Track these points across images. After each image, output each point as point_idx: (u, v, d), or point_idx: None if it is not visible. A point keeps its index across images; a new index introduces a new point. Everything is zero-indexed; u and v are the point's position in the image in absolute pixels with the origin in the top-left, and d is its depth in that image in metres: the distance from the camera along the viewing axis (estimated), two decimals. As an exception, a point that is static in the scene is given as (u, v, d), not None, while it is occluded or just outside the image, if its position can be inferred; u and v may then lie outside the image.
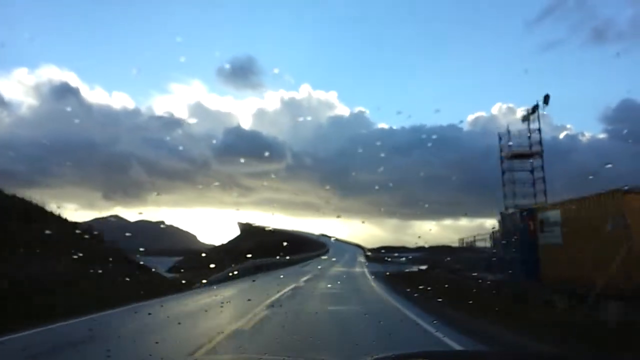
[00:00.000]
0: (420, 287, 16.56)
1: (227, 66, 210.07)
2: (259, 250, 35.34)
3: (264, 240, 46.96)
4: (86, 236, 18.62)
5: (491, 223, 19.67)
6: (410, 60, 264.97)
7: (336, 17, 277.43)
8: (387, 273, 28.60)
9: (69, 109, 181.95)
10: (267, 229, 67.06)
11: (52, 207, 19.63)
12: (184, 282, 19.94)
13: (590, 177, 11.16)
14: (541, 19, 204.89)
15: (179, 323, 9.38)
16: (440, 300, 13.28)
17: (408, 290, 17.08)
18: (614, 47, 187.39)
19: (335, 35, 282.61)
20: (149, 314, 10.78)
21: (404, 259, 47.91)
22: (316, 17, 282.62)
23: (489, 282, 16.59)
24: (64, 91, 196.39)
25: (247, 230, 65.08)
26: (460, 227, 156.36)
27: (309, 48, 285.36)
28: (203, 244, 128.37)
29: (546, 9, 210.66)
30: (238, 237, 65.51)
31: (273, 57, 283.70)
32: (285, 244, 39.54)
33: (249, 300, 13.54)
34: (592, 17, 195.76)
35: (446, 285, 16.87)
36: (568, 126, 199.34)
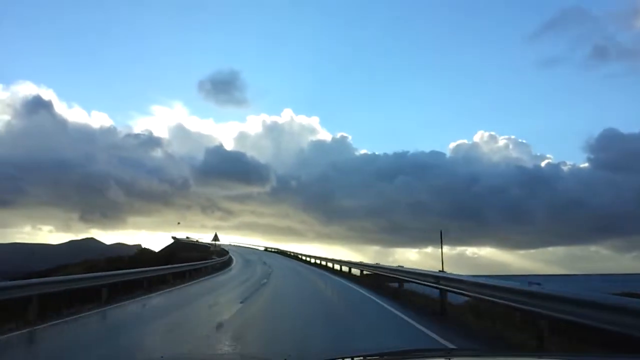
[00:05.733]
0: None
1: (209, 84, 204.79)
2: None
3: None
4: None
5: (472, 251, 19.37)
6: (394, 86, 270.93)
7: (318, 43, 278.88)
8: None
9: (45, 127, 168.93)
10: (197, 241, 65.84)
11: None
12: None
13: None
14: (533, 40, 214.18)
15: None
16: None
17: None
18: (602, 72, 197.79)
19: (317, 61, 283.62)
20: None
21: None
22: (298, 43, 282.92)
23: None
24: (41, 108, 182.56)
25: (177, 243, 64.05)
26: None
27: (291, 73, 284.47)
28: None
29: (528, 36, 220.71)
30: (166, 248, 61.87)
31: (255, 83, 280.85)
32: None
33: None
34: (589, 39, 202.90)
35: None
36: (548, 155, 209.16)
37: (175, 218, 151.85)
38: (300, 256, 48.84)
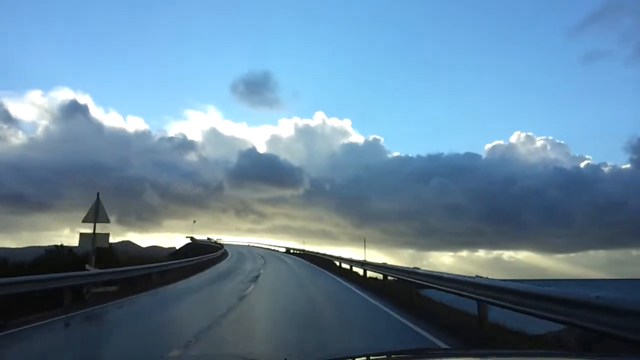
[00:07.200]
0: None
1: (242, 86, 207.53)
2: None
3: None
4: None
5: (509, 255, 15.90)
6: (427, 87, 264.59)
7: (349, 45, 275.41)
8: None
9: (82, 132, 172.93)
10: (216, 242, 64.33)
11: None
12: None
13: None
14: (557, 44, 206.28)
15: None
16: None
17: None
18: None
19: (348, 63, 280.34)
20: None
21: None
22: (329, 45, 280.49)
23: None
24: (78, 113, 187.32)
25: (193, 243, 62.80)
26: (476, 259, 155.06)
27: (322, 76, 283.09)
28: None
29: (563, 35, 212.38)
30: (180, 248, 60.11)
31: (287, 86, 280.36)
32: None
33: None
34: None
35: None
36: (587, 156, 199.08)
37: (210, 221, 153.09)
38: (338, 262, 30.16)
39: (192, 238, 68.69)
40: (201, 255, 33.66)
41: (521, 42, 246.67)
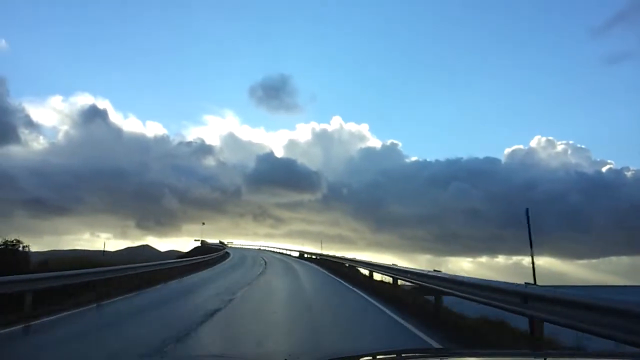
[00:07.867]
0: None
1: (260, 91, 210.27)
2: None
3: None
4: None
5: (529, 261, 14.02)
6: (445, 90, 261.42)
7: (367, 50, 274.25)
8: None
9: (102, 137, 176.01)
10: (226, 245, 63.87)
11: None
12: None
13: None
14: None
15: None
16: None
17: None
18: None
19: (365, 67, 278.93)
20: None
21: None
22: (347, 50, 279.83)
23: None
24: (98, 119, 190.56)
25: (202, 246, 62.23)
26: (495, 265, 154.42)
27: (340, 80, 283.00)
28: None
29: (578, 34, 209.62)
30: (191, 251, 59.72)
31: (304, 91, 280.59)
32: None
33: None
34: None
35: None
36: (609, 161, 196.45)
37: (228, 226, 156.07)
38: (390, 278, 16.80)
39: (202, 241, 68.03)
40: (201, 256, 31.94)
41: (540, 44, 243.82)
